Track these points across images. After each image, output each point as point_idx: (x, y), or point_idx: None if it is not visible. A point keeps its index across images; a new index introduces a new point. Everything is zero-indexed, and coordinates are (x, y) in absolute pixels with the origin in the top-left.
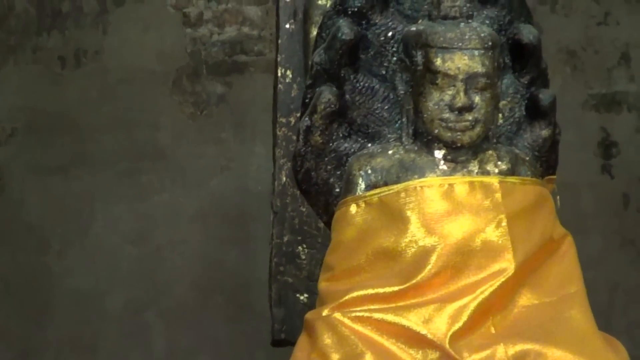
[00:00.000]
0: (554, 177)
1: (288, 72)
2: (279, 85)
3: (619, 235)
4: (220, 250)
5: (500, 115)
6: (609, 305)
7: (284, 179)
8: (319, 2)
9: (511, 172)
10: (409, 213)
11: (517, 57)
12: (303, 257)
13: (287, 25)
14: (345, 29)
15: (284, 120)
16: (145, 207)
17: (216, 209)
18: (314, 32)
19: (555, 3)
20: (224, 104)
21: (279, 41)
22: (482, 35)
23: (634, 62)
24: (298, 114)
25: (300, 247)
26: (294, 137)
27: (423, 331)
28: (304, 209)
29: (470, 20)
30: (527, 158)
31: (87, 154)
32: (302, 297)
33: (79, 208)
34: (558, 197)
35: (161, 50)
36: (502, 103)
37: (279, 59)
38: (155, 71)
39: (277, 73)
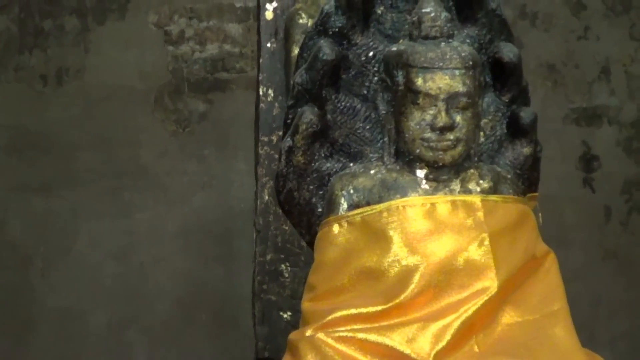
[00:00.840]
0: (536, 194)
1: (270, 91)
2: (261, 104)
3: (601, 248)
4: (204, 268)
5: (481, 133)
6: (591, 318)
7: (267, 197)
8: (300, 21)
9: (493, 190)
10: (391, 232)
11: (498, 75)
12: (286, 275)
13: (269, 44)
14: (327, 49)
15: (265, 138)
16: (127, 224)
17: (199, 226)
18: (295, 51)
19: (535, 18)
20: (205, 121)
21: (261, 60)
22: (463, 54)
23: (614, 76)
24: (280, 133)
25: (283, 265)
26: (276, 156)
27: (407, 351)
28: (286, 227)
29: (450, 40)
30: (509, 176)
31: (69, 172)
32: (285, 315)
33: (62, 226)
34: (540, 214)
35: (143, 68)
36: (483, 121)
37: (260, 78)
38: (137, 89)
39: (258, 92)
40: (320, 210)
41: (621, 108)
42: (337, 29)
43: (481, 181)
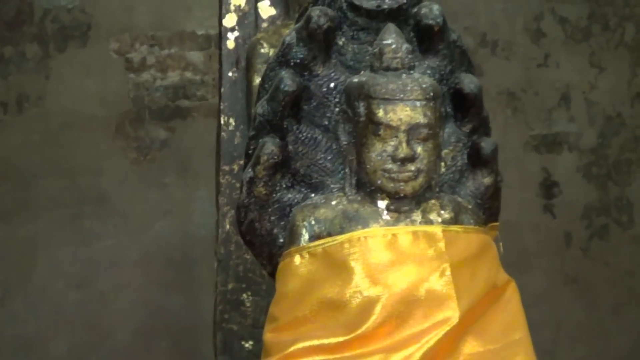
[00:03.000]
0: (497, 224)
1: (231, 120)
2: (222, 133)
3: (562, 274)
4: (164, 295)
5: (442, 164)
6: (553, 343)
7: (228, 226)
8: (262, 50)
9: (454, 220)
10: (353, 264)
11: (459, 106)
12: (248, 304)
13: (230, 74)
14: (288, 80)
15: (227, 168)
16: (88, 252)
17: (159, 253)
18: (257, 80)
19: (495, 46)
20: (167, 148)
21: (222, 89)
22: (424, 86)
23: (574, 102)
24: (241, 162)
25: (244, 295)
26: (238, 185)
27: None
28: (248, 257)
29: (412, 71)
30: (470, 206)
31: (29, 200)
32: (247, 345)
33: (22, 254)
34: (501, 244)
35: (104, 95)
36: (444, 152)
37: (221, 107)
38: (98, 116)
39: (220, 121)
40: (281, 240)
41: (581, 134)
42: (298, 60)
43: (442, 212)
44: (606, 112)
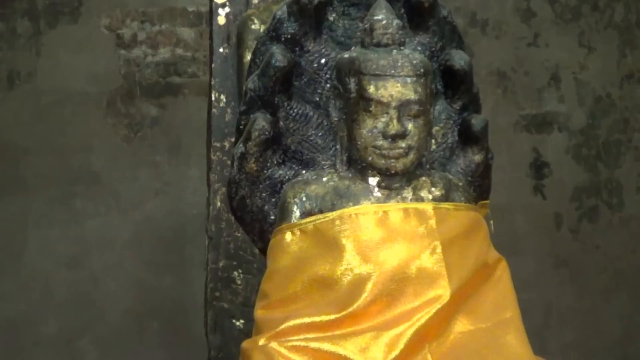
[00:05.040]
0: (488, 201)
1: (222, 97)
2: (213, 110)
3: (552, 256)
4: (156, 275)
5: (433, 141)
6: (543, 326)
7: (219, 204)
8: (253, 26)
9: (445, 198)
10: (344, 241)
11: (449, 83)
12: (239, 282)
13: (221, 50)
14: (279, 55)
15: (218, 144)
16: (79, 231)
17: (151, 233)
18: (248, 56)
19: (485, 25)
20: (158, 126)
21: (213, 65)
22: (415, 62)
23: (564, 82)
24: (232, 139)
25: (235, 273)
26: (229, 162)
27: None
28: (239, 234)
29: (402, 48)
30: (461, 184)
31: (19, 178)
32: (238, 323)
33: (12, 233)
34: (492, 222)
35: (95, 72)
36: (434, 129)
37: (212, 83)
38: (89, 93)
39: (210, 97)
40: (272, 217)
41: (570, 115)
42: (289, 36)
43: (433, 189)
44: (596, 93)
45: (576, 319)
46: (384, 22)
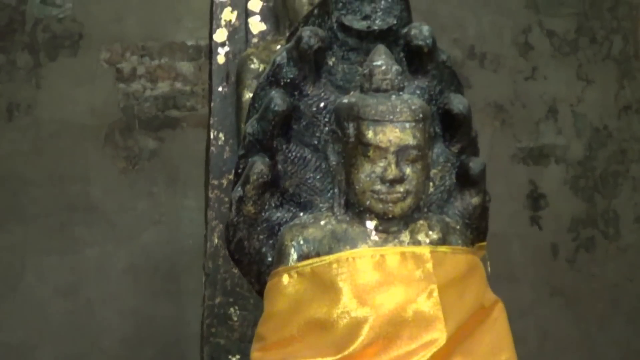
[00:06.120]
0: (484, 243)
1: (220, 135)
2: (211, 148)
3: (548, 285)
4: (152, 304)
5: (431, 183)
6: (539, 353)
7: (216, 240)
8: (252, 65)
9: (442, 241)
10: (341, 284)
11: (448, 126)
12: (235, 318)
13: (220, 88)
14: (278, 100)
15: (216, 182)
16: (76, 260)
17: (147, 262)
18: (247, 95)
19: (484, 59)
20: (156, 158)
21: (212, 104)
22: (413, 107)
23: (561, 115)
24: (230, 176)
25: (232, 309)
26: (226, 199)
27: None
28: (235, 271)
29: (401, 93)
30: (458, 227)
31: (18, 207)
32: (234, 359)
33: (10, 261)
34: (489, 263)
35: (94, 104)
36: (432, 172)
37: (211, 122)
38: (88, 125)
39: (209, 135)
40: (270, 259)
41: (568, 147)
42: (288, 80)
43: (430, 232)
44: (593, 125)
45: (572, 346)
46: (383, 67)
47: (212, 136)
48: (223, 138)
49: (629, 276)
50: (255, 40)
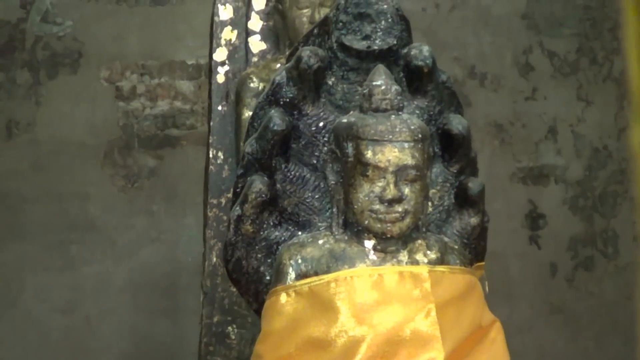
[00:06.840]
0: (483, 263)
1: (219, 154)
2: (210, 167)
3: (546, 303)
4: (150, 322)
5: (429, 203)
6: None
7: (214, 259)
8: (252, 84)
9: (440, 261)
10: (339, 303)
11: (447, 146)
12: (233, 337)
13: (219, 107)
14: (277, 119)
15: (214, 201)
16: (75, 277)
17: (146, 280)
18: (246, 114)
19: (484, 78)
20: (155, 176)
21: (211, 123)
22: (412, 127)
23: (561, 135)
24: (229, 195)
25: (230, 327)
26: (225, 218)
27: None
28: (234, 290)
29: (400, 113)
30: (456, 246)
31: (17, 225)
32: None
33: (8, 278)
34: (487, 283)
35: (93, 122)
36: (431, 192)
37: (210, 141)
38: (87, 143)
39: (208, 154)
40: (268, 278)
41: (567, 167)
42: (288, 99)
43: (428, 252)
44: (593, 145)
45: None
46: (383, 87)
47: (211, 155)
48: (222, 157)
49: (627, 294)
50: (255, 59)
